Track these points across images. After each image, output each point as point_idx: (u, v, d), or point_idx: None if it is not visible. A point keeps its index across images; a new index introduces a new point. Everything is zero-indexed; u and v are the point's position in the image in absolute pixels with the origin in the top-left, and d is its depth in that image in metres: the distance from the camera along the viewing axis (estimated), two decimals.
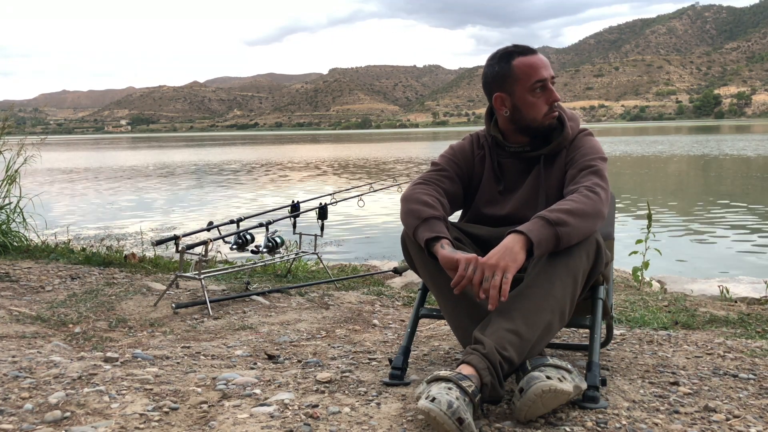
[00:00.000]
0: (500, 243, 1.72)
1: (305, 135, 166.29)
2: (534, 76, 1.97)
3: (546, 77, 1.98)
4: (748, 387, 1.93)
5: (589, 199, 1.80)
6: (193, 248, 3.25)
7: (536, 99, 1.98)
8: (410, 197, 1.98)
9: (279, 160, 29.87)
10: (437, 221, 1.89)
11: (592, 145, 2.01)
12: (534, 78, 1.97)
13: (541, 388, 1.55)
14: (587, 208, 1.78)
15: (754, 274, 4.96)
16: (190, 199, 13.49)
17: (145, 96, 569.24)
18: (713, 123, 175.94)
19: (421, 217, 1.90)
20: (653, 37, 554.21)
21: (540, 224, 1.72)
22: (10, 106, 7.98)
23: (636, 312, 3.04)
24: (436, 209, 1.93)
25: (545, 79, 1.97)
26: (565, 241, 1.74)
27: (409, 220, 1.93)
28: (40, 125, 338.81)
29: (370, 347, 2.46)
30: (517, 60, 1.98)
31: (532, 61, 1.98)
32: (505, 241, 1.71)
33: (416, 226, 1.90)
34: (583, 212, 1.76)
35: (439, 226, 1.87)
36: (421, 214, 1.90)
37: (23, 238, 4.98)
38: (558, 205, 1.78)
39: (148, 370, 2.06)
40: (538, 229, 1.71)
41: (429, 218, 1.89)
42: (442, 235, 1.84)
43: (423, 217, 1.90)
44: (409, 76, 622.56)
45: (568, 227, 1.72)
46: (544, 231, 1.71)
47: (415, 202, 1.95)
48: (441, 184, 2.05)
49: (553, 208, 1.77)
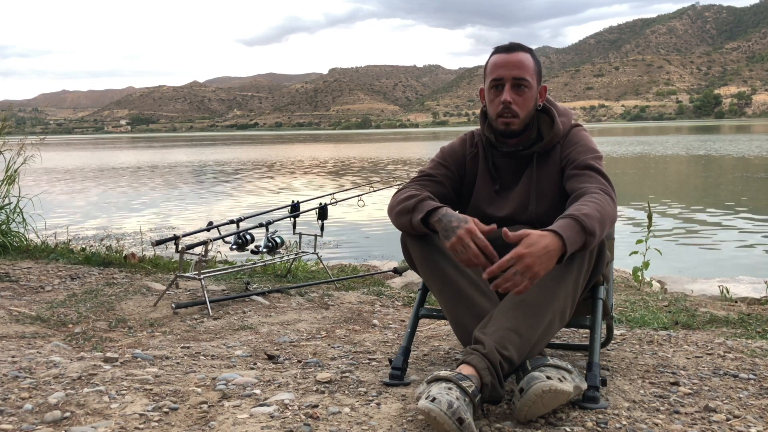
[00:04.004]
0: (539, 238, 1.62)
1: (305, 135, 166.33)
2: (492, 73, 1.98)
3: (502, 76, 1.95)
4: (748, 387, 1.93)
5: (609, 205, 1.77)
6: (192, 248, 3.25)
7: (493, 97, 1.99)
8: (394, 204, 1.98)
9: (279, 160, 29.86)
10: (427, 200, 1.88)
11: (587, 141, 2.00)
12: (492, 76, 1.98)
13: (541, 388, 1.55)
14: (609, 216, 1.76)
15: (755, 274, 4.95)
16: (190, 199, 13.49)
17: (145, 96, 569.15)
18: (713, 123, 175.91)
19: (410, 208, 1.89)
20: (653, 37, 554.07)
21: (576, 231, 1.66)
22: (9, 106, 7.98)
23: (636, 312, 3.04)
24: (423, 194, 1.92)
25: (500, 79, 1.96)
26: (587, 249, 1.73)
27: (402, 219, 1.92)
28: (39, 125, 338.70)
29: (370, 347, 2.46)
30: (492, 56, 2.02)
31: (498, 59, 1.99)
32: (546, 241, 1.62)
33: (409, 219, 1.88)
34: (606, 220, 1.75)
35: (430, 203, 1.86)
36: (409, 206, 1.90)
37: (23, 238, 4.97)
38: (588, 209, 1.72)
39: (147, 370, 2.06)
40: (574, 237, 1.65)
41: (418, 202, 1.88)
42: (437, 206, 1.83)
43: (411, 207, 1.89)
44: (409, 76, 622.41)
45: (595, 238, 1.70)
46: (577, 241, 1.67)
47: (400, 202, 1.94)
48: (425, 187, 2.03)
49: (586, 212, 1.70)
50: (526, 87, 1.96)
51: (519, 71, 1.95)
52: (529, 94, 1.97)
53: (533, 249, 1.60)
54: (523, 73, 1.95)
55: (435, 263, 1.89)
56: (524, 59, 1.97)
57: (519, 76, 1.95)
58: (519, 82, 1.95)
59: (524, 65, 1.96)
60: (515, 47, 1.99)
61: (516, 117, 1.96)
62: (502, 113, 1.96)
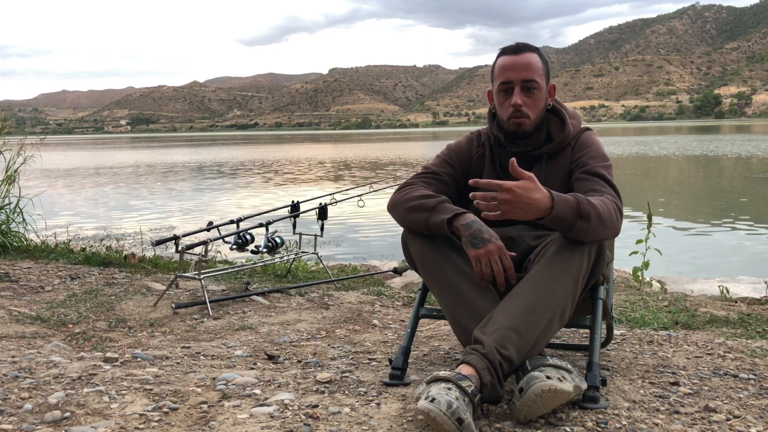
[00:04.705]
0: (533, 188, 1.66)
1: (305, 135, 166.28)
2: (501, 77, 1.98)
3: (511, 79, 1.95)
4: (748, 387, 1.93)
5: (613, 215, 1.78)
6: (192, 248, 3.25)
7: (503, 100, 1.99)
8: (401, 199, 1.96)
9: (279, 159, 29.86)
10: (448, 203, 1.88)
11: (598, 147, 2.00)
12: (500, 79, 1.98)
13: (541, 388, 1.55)
14: (610, 222, 1.77)
15: (755, 274, 4.95)
16: (190, 199, 13.49)
17: (145, 96, 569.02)
18: (713, 123, 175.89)
19: (428, 207, 1.87)
20: (653, 37, 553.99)
21: (570, 207, 1.69)
22: (9, 106, 7.98)
23: (636, 312, 3.04)
24: (441, 197, 1.91)
25: (509, 82, 1.96)
26: (574, 234, 1.73)
27: (414, 215, 1.90)
28: (39, 125, 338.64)
29: (370, 347, 2.46)
30: (499, 58, 2.01)
31: (505, 61, 1.98)
32: (538, 195, 1.66)
33: (425, 217, 1.86)
34: (605, 222, 1.75)
35: (452, 206, 1.86)
36: (427, 204, 1.88)
37: (23, 238, 4.97)
38: (594, 200, 1.74)
39: (147, 370, 2.06)
40: (565, 211, 1.68)
41: (438, 203, 1.87)
42: (463, 210, 1.83)
43: (430, 206, 1.87)
44: (409, 76, 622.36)
45: (587, 225, 1.71)
46: (566, 216, 1.69)
47: (412, 199, 1.92)
48: (428, 185, 2.03)
49: (590, 199, 1.73)
50: (535, 88, 1.96)
51: (528, 73, 1.95)
52: (539, 95, 1.97)
53: (522, 192, 1.65)
54: (532, 75, 1.95)
55: (435, 263, 1.88)
56: (532, 60, 1.96)
57: (528, 78, 1.95)
58: (528, 84, 1.95)
59: (532, 66, 1.96)
60: (522, 48, 1.99)
61: (527, 118, 1.97)
62: (514, 115, 1.96)
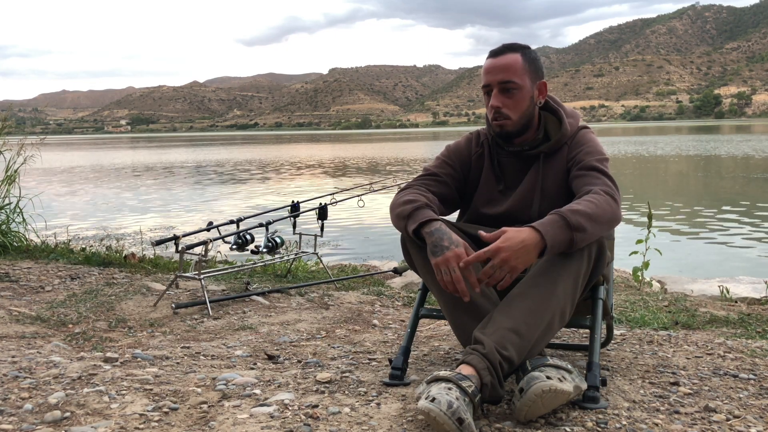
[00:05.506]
0: (516, 233, 1.66)
1: (305, 135, 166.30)
2: (482, 80, 2.01)
3: (489, 82, 1.97)
4: (748, 387, 1.93)
5: (609, 205, 1.78)
6: (192, 248, 3.25)
7: (486, 102, 2.02)
8: (395, 203, 1.98)
9: (279, 159, 29.87)
10: (424, 209, 1.89)
11: (594, 144, 2.00)
12: (482, 82, 2.01)
13: (541, 388, 1.55)
14: (606, 214, 1.76)
15: (755, 274, 4.95)
16: (190, 199, 13.49)
17: (145, 96, 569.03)
18: (713, 123, 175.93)
19: (405, 215, 1.90)
20: (653, 37, 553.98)
21: (559, 226, 1.68)
22: (9, 106, 7.99)
23: (636, 312, 3.04)
24: (421, 202, 1.92)
25: (488, 85, 1.98)
26: (578, 246, 1.73)
27: (398, 223, 1.94)
28: (39, 125, 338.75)
29: (370, 347, 2.46)
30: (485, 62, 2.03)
31: (486, 65, 2.00)
32: (524, 235, 1.66)
33: (404, 225, 1.90)
34: (601, 218, 1.75)
35: (426, 212, 1.87)
36: (405, 212, 1.90)
37: (23, 238, 4.97)
38: (579, 206, 1.74)
39: (147, 370, 2.06)
40: (555, 232, 1.67)
41: (414, 210, 1.89)
42: (431, 218, 1.84)
43: (407, 213, 1.89)
44: (409, 76, 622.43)
45: (584, 233, 1.70)
46: (561, 236, 1.68)
47: (399, 205, 1.94)
48: (428, 187, 2.05)
49: (574, 208, 1.72)
50: (514, 89, 1.96)
51: (504, 74, 1.95)
52: (519, 94, 1.97)
53: (510, 243, 1.65)
54: (508, 76, 1.95)
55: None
56: (510, 61, 1.96)
57: (504, 79, 1.95)
58: (506, 85, 1.96)
59: (510, 68, 1.95)
60: (504, 50, 1.99)
61: (508, 119, 1.97)
62: (495, 117, 1.99)
